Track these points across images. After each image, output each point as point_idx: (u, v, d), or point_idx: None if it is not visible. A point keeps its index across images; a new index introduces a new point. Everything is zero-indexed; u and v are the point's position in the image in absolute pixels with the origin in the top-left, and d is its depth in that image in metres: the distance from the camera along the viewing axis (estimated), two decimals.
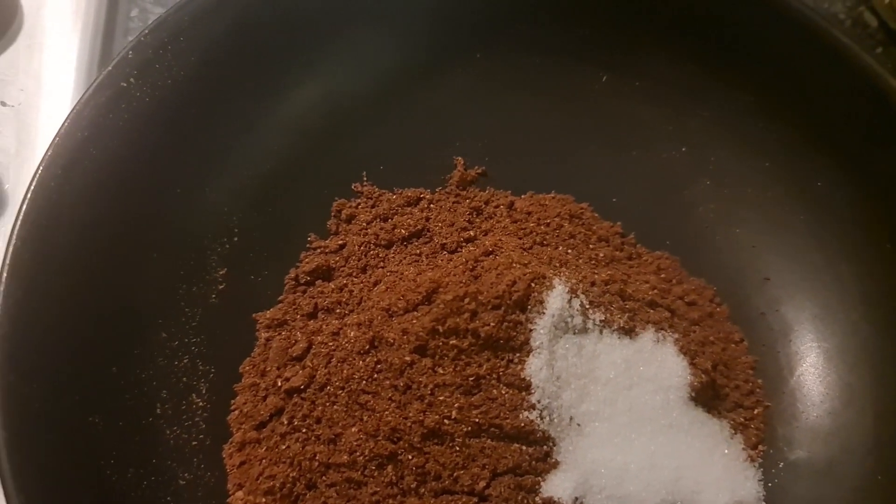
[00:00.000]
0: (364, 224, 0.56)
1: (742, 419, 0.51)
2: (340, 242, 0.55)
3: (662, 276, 0.55)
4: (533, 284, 0.48)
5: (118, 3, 0.68)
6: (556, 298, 0.48)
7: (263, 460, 0.47)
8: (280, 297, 0.53)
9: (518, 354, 0.47)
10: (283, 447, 0.47)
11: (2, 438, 0.41)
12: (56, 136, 0.47)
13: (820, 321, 0.54)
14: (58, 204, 0.46)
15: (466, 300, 0.47)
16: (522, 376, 0.47)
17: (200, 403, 0.49)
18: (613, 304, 0.50)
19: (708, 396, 0.51)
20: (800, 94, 0.55)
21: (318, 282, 0.54)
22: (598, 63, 0.59)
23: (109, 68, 0.50)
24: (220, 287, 0.53)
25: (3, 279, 0.44)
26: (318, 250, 0.55)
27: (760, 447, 0.51)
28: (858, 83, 0.52)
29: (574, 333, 0.48)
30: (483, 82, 0.60)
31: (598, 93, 0.60)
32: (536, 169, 0.59)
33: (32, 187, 0.46)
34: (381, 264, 0.54)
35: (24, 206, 0.45)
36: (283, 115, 0.56)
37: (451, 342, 0.46)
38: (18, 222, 0.45)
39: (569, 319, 0.48)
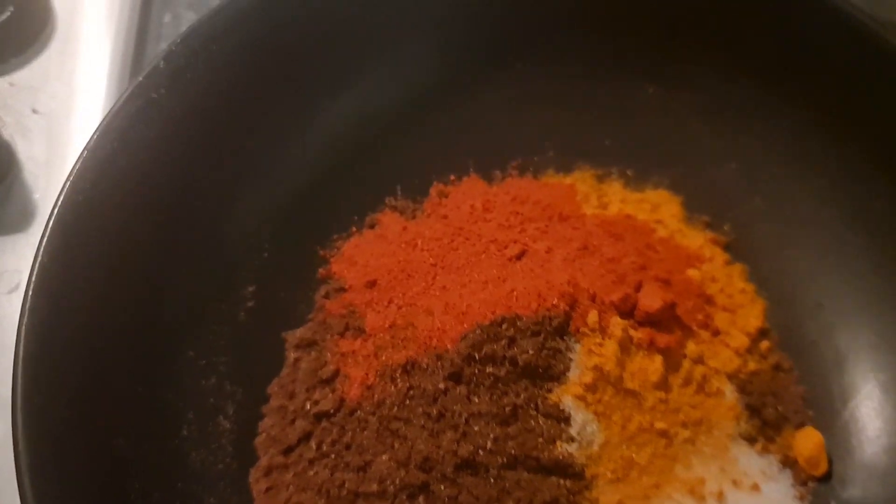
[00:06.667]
0: None
1: (791, 453, 0.49)
2: None
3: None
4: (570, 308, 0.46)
5: (151, 9, 0.67)
6: None
7: (290, 486, 0.46)
8: (310, 316, 0.52)
9: (557, 383, 0.45)
10: (311, 473, 0.45)
11: (25, 462, 0.39)
12: (84, 149, 0.46)
13: (876, 350, 0.51)
14: (85, 219, 0.45)
15: (504, 326, 0.45)
16: (561, 406, 0.45)
17: (227, 425, 0.48)
18: None
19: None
20: (861, 110, 0.52)
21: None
22: (643, 74, 0.57)
23: (140, 78, 0.48)
24: (249, 304, 0.52)
25: (30, 296, 0.43)
26: None
27: (811, 483, 0.48)
28: None
29: None
30: (522, 93, 0.58)
31: (644, 105, 0.58)
32: None
33: (59, 202, 0.44)
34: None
35: (52, 222, 0.44)
36: (316, 127, 0.55)
37: (487, 370, 0.44)
38: (45, 238, 0.44)
39: None
